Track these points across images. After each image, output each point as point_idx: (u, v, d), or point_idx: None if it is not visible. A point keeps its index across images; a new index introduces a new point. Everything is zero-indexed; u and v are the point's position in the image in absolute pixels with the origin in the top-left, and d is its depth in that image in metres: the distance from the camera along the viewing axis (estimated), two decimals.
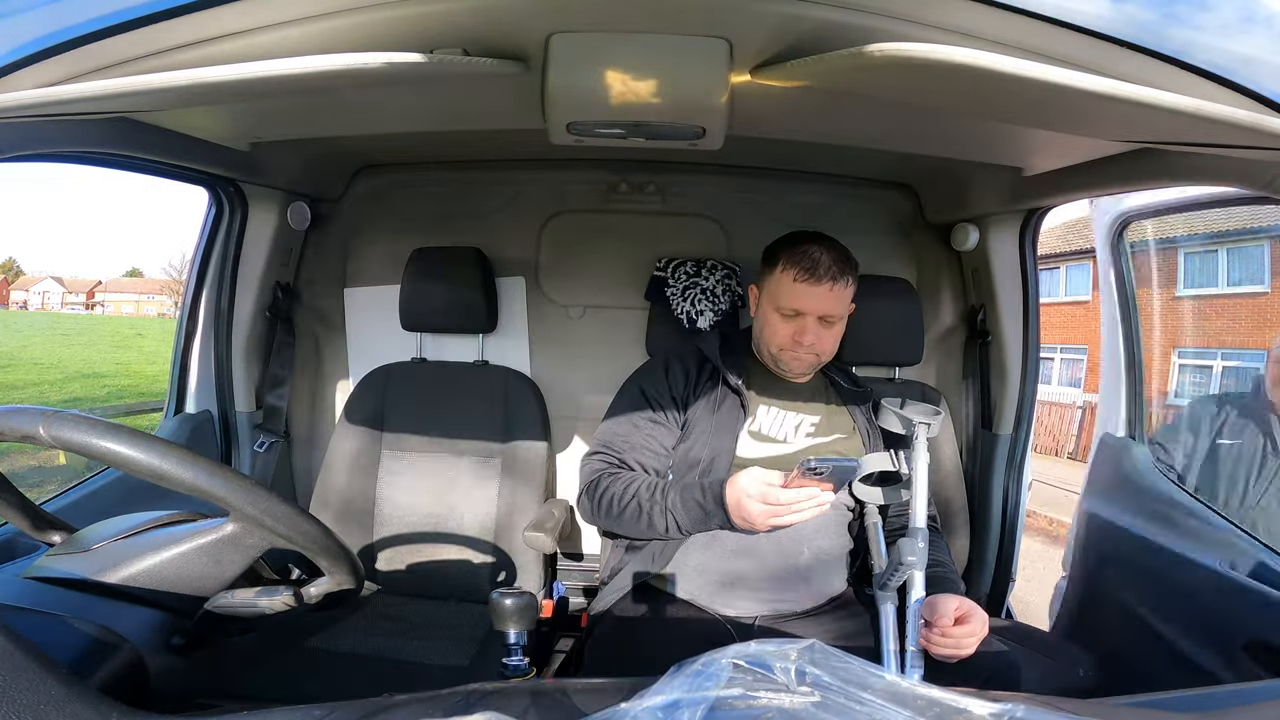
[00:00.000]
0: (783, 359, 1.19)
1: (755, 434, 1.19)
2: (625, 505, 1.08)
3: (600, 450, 1.18)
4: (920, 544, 1.05)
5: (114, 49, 0.62)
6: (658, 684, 0.38)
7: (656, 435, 1.18)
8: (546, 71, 0.80)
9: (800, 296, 1.14)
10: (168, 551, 0.68)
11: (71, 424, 0.58)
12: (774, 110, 1.02)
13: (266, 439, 1.64)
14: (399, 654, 1.21)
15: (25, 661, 0.43)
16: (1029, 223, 1.52)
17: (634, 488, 1.09)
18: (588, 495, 1.14)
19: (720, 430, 1.16)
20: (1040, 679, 1.15)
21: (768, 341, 1.20)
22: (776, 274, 1.17)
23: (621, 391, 1.25)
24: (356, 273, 1.74)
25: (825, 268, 1.13)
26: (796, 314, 1.15)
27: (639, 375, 1.26)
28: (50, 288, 54.18)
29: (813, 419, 1.22)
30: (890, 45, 0.60)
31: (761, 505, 0.95)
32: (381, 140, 1.44)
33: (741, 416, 1.17)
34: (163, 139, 1.10)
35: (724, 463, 1.14)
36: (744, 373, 1.22)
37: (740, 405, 1.18)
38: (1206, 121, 0.59)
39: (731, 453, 1.15)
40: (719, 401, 1.18)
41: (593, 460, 1.18)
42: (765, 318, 1.20)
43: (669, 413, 1.19)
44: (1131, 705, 0.50)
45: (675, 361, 1.24)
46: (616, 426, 1.20)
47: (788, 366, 1.20)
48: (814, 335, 1.15)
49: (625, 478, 1.11)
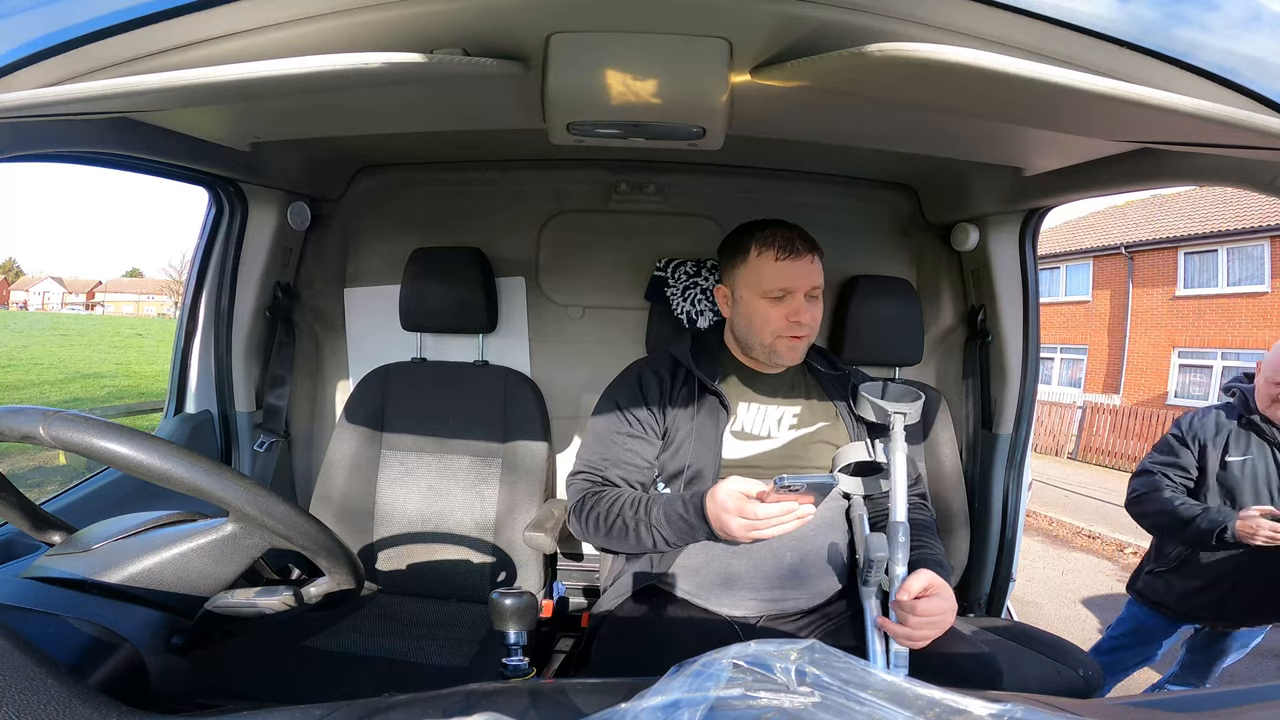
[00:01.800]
0: (779, 348, 1.16)
1: (738, 433, 1.17)
2: (612, 524, 1.07)
3: (583, 470, 1.17)
4: (901, 538, 1.02)
5: (114, 49, 0.62)
6: (658, 684, 0.38)
7: (637, 449, 1.16)
8: (546, 71, 0.80)
9: (786, 274, 1.13)
10: (168, 551, 0.68)
11: (72, 424, 0.58)
12: (774, 110, 1.02)
13: (266, 439, 1.64)
14: (399, 654, 1.21)
15: (25, 661, 0.43)
16: (1029, 223, 1.52)
17: (618, 505, 1.07)
18: (575, 516, 1.13)
19: (702, 434, 1.14)
20: (1040, 679, 1.15)
21: (760, 332, 1.16)
22: (751, 261, 1.15)
23: (597, 408, 1.22)
24: (356, 273, 1.74)
25: (799, 242, 1.14)
26: (786, 294, 1.13)
27: (613, 390, 1.23)
28: (50, 288, 54.22)
29: (794, 410, 1.20)
30: (890, 45, 0.60)
31: (740, 520, 0.93)
32: (381, 140, 1.44)
33: (722, 417, 1.16)
34: (163, 139, 1.10)
35: (710, 467, 1.13)
36: (720, 372, 1.21)
37: (720, 406, 1.16)
38: (1207, 121, 0.59)
39: (717, 455, 1.14)
40: (698, 405, 1.16)
41: (577, 481, 1.16)
42: (752, 309, 1.16)
43: (647, 424, 1.17)
44: (1131, 705, 0.50)
45: (648, 371, 1.21)
46: (596, 444, 1.18)
47: (784, 356, 1.17)
48: (808, 312, 1.14)
49: (609, 496, 1.10)
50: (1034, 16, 0.57)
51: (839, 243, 1.69)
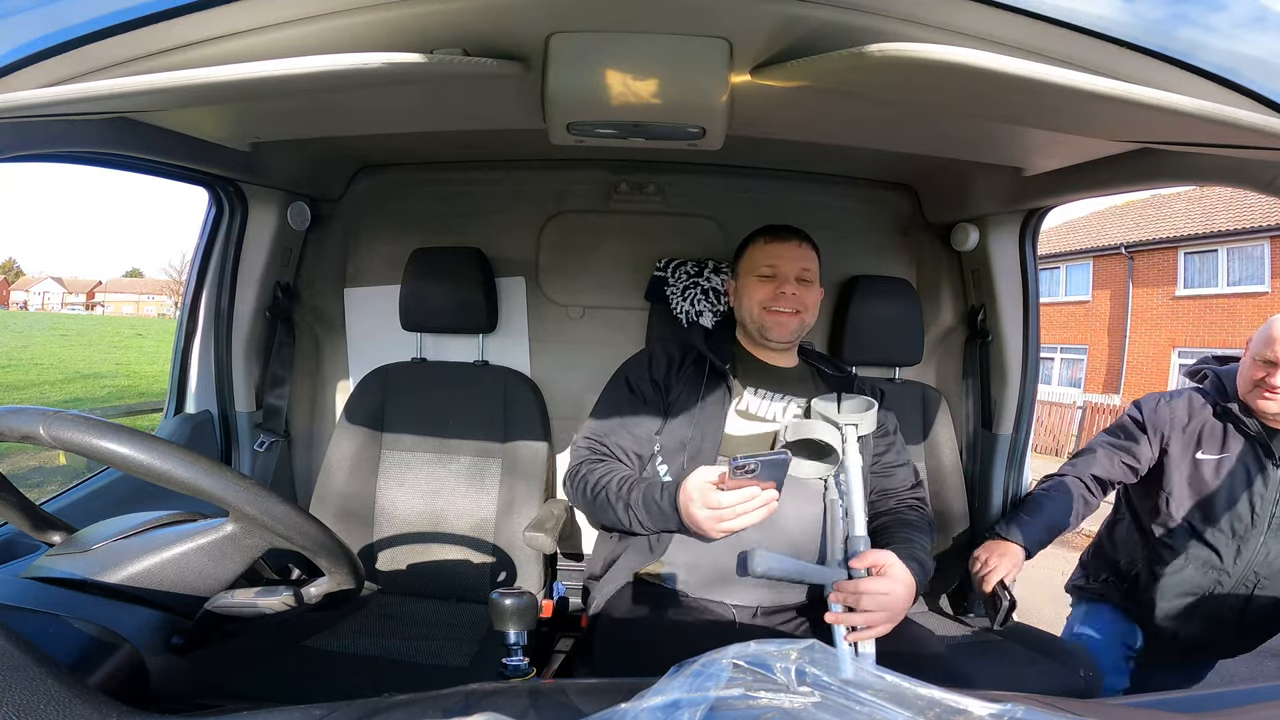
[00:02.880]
0: (767, 321, 1.24)
1: (743, 413, 1.22)
2: (597, 495, 1.11)
3: (587, 435, 1.23)
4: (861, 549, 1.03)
5: (114, 49, 0.62)
6: (658, 684, 0.38)
7: (639, 420, 1.21)
8: (546, 71, 0.80)
9: (773, 255, 1.25)
10: (168, 551, 0.68)
11: (71, 424, 0.58)
12: (774, 110, 1.02)
13: (266, 439, 1.64)
14: (399, 654, 1.21)
15: (25, 661, 0.43)
16: (1029, 223, 1.52)
17: (607, 479, 1.11)
18: (570, 480, 1.19)
19: (707, 410, 1.19)
20: (1040, 679, 1.15)
21: (750, 307, 1.26)
22: (749, 252, 1.30)
23: (610, 381, 1.30)
24: (356, 273, 1.74)
25: (790, 231, 1.28)
26: (774, 272, 1.24)
27: (625, 365, 1.31)
28: (50, 288, 54.23)
29: (799, 402, 1.25)
30: (890, 45, 0.60)
31: (705, 510, 0.94)
32: (381, 140, 1.44)
33: (728, 398, 1.20)
34: (163, 139, 1.10)
35: (712, 440, 1.16)
36: (730, 359, 1.27)
37: (726, 389, 1.21)
38: (1207, 121, 0.59)
39: (720, 430, 1.18)
40: (705, 385, 1.21)
41: (578, 446, 1.23)
42: (746, 289, 1.27)
43: (650, 396, 1.23)
44: (1132, 705, 0.50)
45: (660, 350, 1.29)
46: (601, 411, 1.25)
47: (772, 332, 1.24)
48: (794, 286, 1.23)
49: (603, 468, 1.14)
50: (1034, 16, 0.57)
51: (839, 243, 1.69)
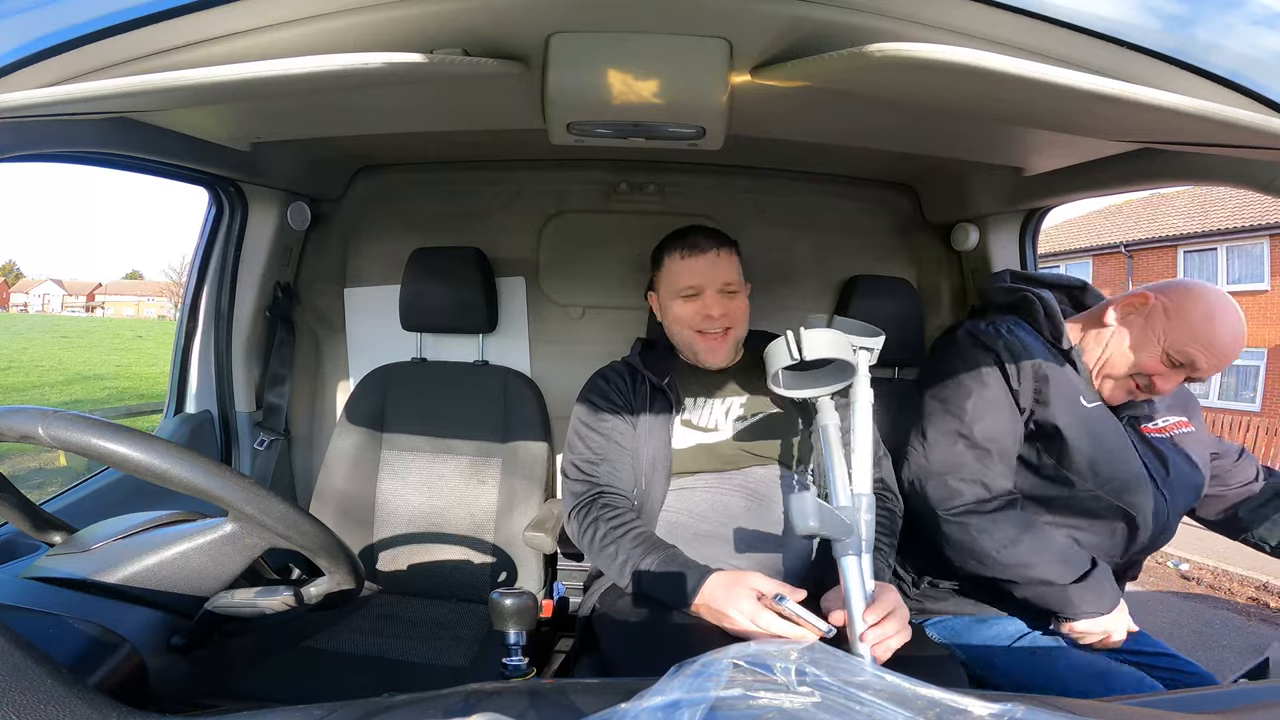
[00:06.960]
0: (699, 346, 1.20)
1: (687, 423, 1.20)
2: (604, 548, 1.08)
3: (576, 473, 1.18)
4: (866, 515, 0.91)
5: (114, 49, 0.62)
6: (658, 684, 0.38)
7: (619, 451, 1.18)
8: (546, 71, 0.80)
9: (690, 271, 1.17)
10: (168, 551, 0.69)
11: (71, 424, 0.58)
12: (774, 110, 1.03)
13: (266, 438, 1.64)
14: (399, 654, 1.21)
15: (25, 661, 0.43)
16: (1029, 222, 1.52)
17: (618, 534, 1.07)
18: (575, 521, 1.14)
19: (654, 428, 1.18)
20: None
21: (679, 332, 1.22)
22: (664, 267, 1.22)
23: (575, 412, 1.24)
24: (356, 273, 1.74)
25: (704, 239, 1.18)
26: (695, 292, 1.18)
27: (582, 398, 1.24)
28: (50, 290, 54.25)
29: (740, 400, 1.23)
30: (890, 45, 0.60)
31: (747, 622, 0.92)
32: (381, 140, 1.44)
33: (672, 412, 1.19)
34: (163, 139, 1.10)
35: (663, 458, 1.16)
36: (670, 372, 1.24)
37: (668, 403, 1.20)
38: (1207, 121, 0.59)
39: (667, 445, 1.17)
40: (651, 403, 1.20)
41: (571, 483, 1.18)
42: (671, 312, 1.22)
43: (619, 424, 1.20)
44: (1131, 705, 0.50)
45: (602, 380, 1.25)
46: (580, 445, 1.20)
47: (706, 356, 1.21)
48: (720, 306, 1.17)
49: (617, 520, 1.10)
50: (1034, 16, 0.57)
51: (839, 243, 1.69)
